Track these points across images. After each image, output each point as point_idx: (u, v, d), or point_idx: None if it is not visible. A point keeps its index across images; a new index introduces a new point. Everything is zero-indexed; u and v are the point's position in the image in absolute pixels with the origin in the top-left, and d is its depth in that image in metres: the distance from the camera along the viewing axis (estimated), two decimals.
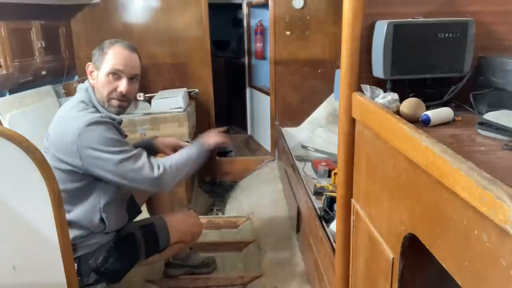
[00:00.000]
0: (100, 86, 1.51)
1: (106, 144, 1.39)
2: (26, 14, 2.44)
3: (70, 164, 1.42)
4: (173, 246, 1.74)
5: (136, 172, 1.43)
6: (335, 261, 1.41)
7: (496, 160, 0.77)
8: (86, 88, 1.54)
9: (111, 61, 1.50)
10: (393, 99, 1.08)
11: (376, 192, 1.08)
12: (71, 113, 1.45)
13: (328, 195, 1.81)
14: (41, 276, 1.20)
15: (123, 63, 1.51)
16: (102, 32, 3.14)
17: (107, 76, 1.50)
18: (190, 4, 3.20)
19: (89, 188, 1.49)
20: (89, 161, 1.40)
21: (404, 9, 1.20)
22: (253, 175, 3.50)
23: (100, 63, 1.51)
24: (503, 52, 1.19)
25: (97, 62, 1.52)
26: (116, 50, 1.51)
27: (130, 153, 1.43)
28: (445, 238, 0.74)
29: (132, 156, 1.43)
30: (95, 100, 1.52)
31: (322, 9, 3.24)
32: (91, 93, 1.53)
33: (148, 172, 1.44)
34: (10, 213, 1.12)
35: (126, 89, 1.52)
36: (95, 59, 1.54)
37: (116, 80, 1.51)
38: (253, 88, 4.08)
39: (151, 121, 2.73)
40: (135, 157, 1.44)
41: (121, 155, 1.41)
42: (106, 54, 1.51)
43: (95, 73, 1.53)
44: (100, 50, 1.53)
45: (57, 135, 1.45)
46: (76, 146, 1.38)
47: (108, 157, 1.39)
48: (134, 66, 1.55)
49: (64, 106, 1.56)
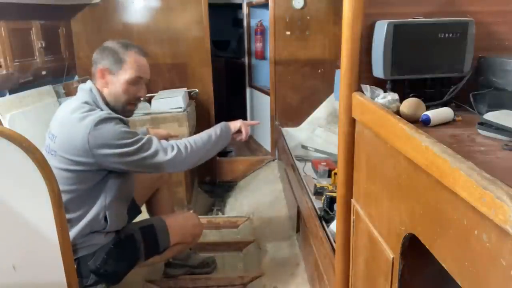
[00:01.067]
0: (119, 93, 1.54)
1: (118, 138, 1.42)
2: (26, 14, 2.44)
3: (83, 163, 1.43)
4: (173, 247, 1.74)
5: (151, 159, 1.47)
6: (335, 261, 1.41)
7: (496, 160, 0.77)
8: (90, 88, 1.53)
9: (132, 69, 1.53)
10: (393, 99, 1.08)
11: (376, 192, 1.08)
12: (77, 115, 1.44)
13: (328, 195, 1.81)
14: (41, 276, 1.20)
15: (143, 70, 1.57)
16: (102, 32, 3.14)
17: (127, 83, 1.53)
18: (190, 4, 3.20)
19: (100, 186, 1.51)
20: (103, 158, 1.42)
21: (404, 9, 1.20)
22: (253, 175, 3.50)
23: (117, 69, 1.52)
24: (503, 52, 1.19)
25: (113, 68, 1.52)
26: (135, 57, 1.54)
27: (142, 142, 1.47)
28: (445, 238, 0.74)
29: (145, 144, 1.47)
30: (101, 101, 1.52)
31: (322, 9, 3.25)
32: (96, 94, 1.52)
33: (162, 156, 1.49)
34: (10, 213, 1.12)
35: (145, 93, 1.61)
36: (109, 64, 1.52)
37: (135, 86, 1.56)
38: (253, 88, 4.09)
39: (151, 121, 2.73)
40: (148, 144, 1.48)
41: (134, 146, 1.45)
42: (125, 61, 1.52)
43: (111, 78, 1.53)
44: (115, 56, 1.52)
45: (65, 137, 1.45)
46: (88, 145, 1.39)
47: (122, 151, 1.43)
48: (149, 70, 1.62)
49: (66, 106, 1.54)
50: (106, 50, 1.54)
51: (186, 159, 1.54)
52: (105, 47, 1.55)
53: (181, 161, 1.53)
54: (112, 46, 1.55)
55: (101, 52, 1.54)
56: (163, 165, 1.50)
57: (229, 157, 3.82)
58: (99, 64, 1.53)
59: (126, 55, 1.53)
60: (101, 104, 1.52)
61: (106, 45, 1.56)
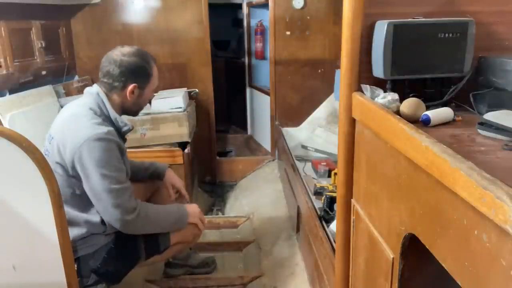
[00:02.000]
0: (144, 102, 1.64)
1: (100, 165, 1.40)
2: (26, 14, 2.44)
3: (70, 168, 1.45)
4: (173, 247, 1.74)
5: (111, 207, 1.43)
6: (335, 261, 1.41)
7: (496, 160, 0.77)
8: (98, 93, 1.53)
9: (156, 80, 1.64)
10: (393, 99, 1.08)
11: (376, 192, 1.08)
12: (79, 123, 1.45)
13: (328, 195, 1.81)
14: (41, 276, 1.20)
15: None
16: (102, 32, 3.14)
17: (152, 92, 1.65)
18: (190, 4, 3.19)
19: None
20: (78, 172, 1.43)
21: (404, 9, 1.20)
22: (253, 175, 3.50)
23: (146, 83, 1.59)
24: (503, 52, 1.19)
25: (143, 83, 1.58)
26: (155, 68, 1.63)
27: (117, 185, 1.43)
28: (445, 238, 0.74)
29: (118, 190, 1.43)
30: (110, 107, 1.53)
31: (322, 9, 3.25)
32: (103, 98, 1.53)
33: (121, 213, 1.44)
34: (10, 213, 1.12)
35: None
36: (140, 80, 1.56)
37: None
38: (253, 88, 4.08)
39: (151, 121, 2.73)
40: (120, 192, 1.44)
41: (109, 184, 1.41)
42: (152, 76, 1.61)
43: (139, 91, 1.58)
44: (144, 72, 1.57)
45: (60, 140, 1.46)
46: (73, 157, 1.41)
47: (96, 180, 1.41)
48: None
49: (69, 109, 1.55)
50: (134, 65, 1.53)
51: (138, 227, 1.53)
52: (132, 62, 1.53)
53: (133, 228, 1.51)
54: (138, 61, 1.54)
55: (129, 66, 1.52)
56: (117, 221, 1.46)
57: (229, 157, 3.82)
58: (127, 78, 1.53)
59: (153, 70, 1.61)
60: (109, 111, 1.53)
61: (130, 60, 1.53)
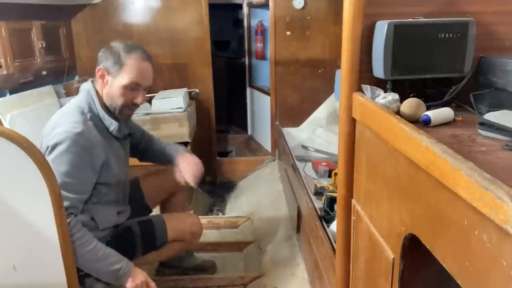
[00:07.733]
0: (115, 96, 1.50)
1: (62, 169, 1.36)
2: (27, 14, 2.44)
3: None
4: (171, 245, 1.73)
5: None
6: (335, 261, 1.41)
7: (497, 160, 0.77)
8: (88, 90, 1.52)
9: (130, 74, 1.47)
10: (394, 99, 1.08)
11: (377, 192, 1.08)
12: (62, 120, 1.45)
13: (329, 195, 1.80)
14: (41, 276, 1.20)
15: (141, 76, 1.50)
16: (102, 32, 3.15)
17: (124, 88, 1.48)
18: (190, 4, 3.20)
19: None
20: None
21: (404, 9, 1.20)
22: (253, 175, 3.50)
23: (117, 72, 1.48)
24: (504, 52, 1.19)
25: (112, 69, 1.48)
26: (134, 62, 1.48)
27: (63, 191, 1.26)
28: (446, 238, 0.74)
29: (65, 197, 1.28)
30: (98, 104, 1.51)
31: (323, 9, 3.25)
32: (93, 94, 1.52)
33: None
34: (10, 213, 1.13)
35: (143, 101, 1.54)
36: (109, 65, 1.48)
37: (133, 91, 1.51)
38: (254, 88, 4.08)
39: (152, 121, 2.73)
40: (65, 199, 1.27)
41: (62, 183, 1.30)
42: (124, 64, 1.47)
43: (109, 79, 1.50)
44: (116, 57, 1.47)
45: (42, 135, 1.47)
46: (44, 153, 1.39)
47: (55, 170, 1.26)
48: (150, 76, 1.55)
49: (63, 108, 1.56)
50: (109, 50, 1.50)
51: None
52: (109, 47, 1.51)
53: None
54: (116, 46, 1.50)
55: (105, 51, 1.51)
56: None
57: (229, 157, 3.82)
58: (100, 63, 1.51)
59: (127, 58, 1.47)
60: (97, 107, 1.51)
61: (112, 45, 1.52)
